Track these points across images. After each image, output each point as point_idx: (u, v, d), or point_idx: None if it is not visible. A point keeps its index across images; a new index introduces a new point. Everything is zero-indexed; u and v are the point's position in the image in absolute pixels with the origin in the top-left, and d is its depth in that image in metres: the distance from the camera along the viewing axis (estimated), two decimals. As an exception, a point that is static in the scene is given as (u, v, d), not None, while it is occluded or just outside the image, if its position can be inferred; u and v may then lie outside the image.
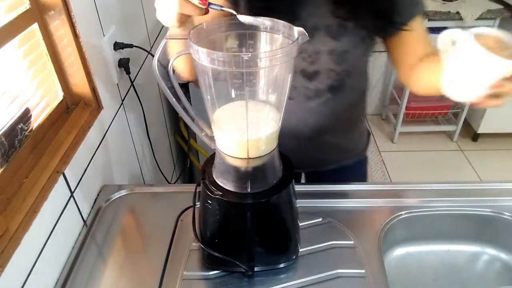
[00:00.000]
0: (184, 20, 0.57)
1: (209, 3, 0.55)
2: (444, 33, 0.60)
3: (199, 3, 0.54)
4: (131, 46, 1.03)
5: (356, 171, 1.03)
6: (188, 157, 1.78)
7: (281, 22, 0.57)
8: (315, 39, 0.77)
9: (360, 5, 0.73)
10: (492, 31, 0.58)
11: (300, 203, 0.72)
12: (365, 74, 0.92)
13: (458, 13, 2.14)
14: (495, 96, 0.60)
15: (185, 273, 0.70)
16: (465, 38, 0.57)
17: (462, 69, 0.59)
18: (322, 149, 0.94)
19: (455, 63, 0.60)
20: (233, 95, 0.59)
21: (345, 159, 1.00)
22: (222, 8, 0.56)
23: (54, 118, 0.80)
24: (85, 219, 0.82)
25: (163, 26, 0.71)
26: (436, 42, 0.64)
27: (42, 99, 0.76)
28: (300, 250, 0.72)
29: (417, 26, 0.78)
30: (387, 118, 2.96)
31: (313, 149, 0.93)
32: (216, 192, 0.62)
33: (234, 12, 0.57)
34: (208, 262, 0.70)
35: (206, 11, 0.56)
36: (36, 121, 0.74)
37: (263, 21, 0.58)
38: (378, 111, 3.04)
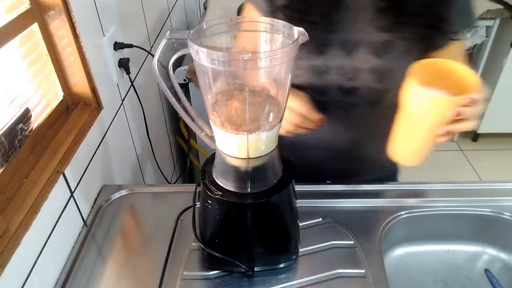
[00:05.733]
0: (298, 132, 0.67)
1: None
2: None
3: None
4: (131, 46, 1.03)
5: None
6: (188, 157, 1.78)
7: (281, 22, 0.56)
8: (356, 56, 0.72)
9: (407, 15, 0.69)
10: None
11: (300, 203, 0.72)
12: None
13: (458, 13, 2.14)
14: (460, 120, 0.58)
15: (185, 273, 0.70)
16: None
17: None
18: (355, 161, 0.91)
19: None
20: (233, 95, 0.59)
21: (379, 171, 0.97)
22: None
23: (54, 118, 0.80)
24: (85, 219, 0.82)
25: (163, 26, 0.70)
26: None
27: (42, 99, 0.76)
28: (300, 250, 0.72)
29: (458, 47, 0.73)
30: (387, 118, 2.96)
31: (346, 161, 0.90)
32: (216, 192, 0.62)
33: None
34: (208, 262, 0.70)
35: None
36: (36, 121, 0.74)
37: None
38: (378, 111, 3.04)
